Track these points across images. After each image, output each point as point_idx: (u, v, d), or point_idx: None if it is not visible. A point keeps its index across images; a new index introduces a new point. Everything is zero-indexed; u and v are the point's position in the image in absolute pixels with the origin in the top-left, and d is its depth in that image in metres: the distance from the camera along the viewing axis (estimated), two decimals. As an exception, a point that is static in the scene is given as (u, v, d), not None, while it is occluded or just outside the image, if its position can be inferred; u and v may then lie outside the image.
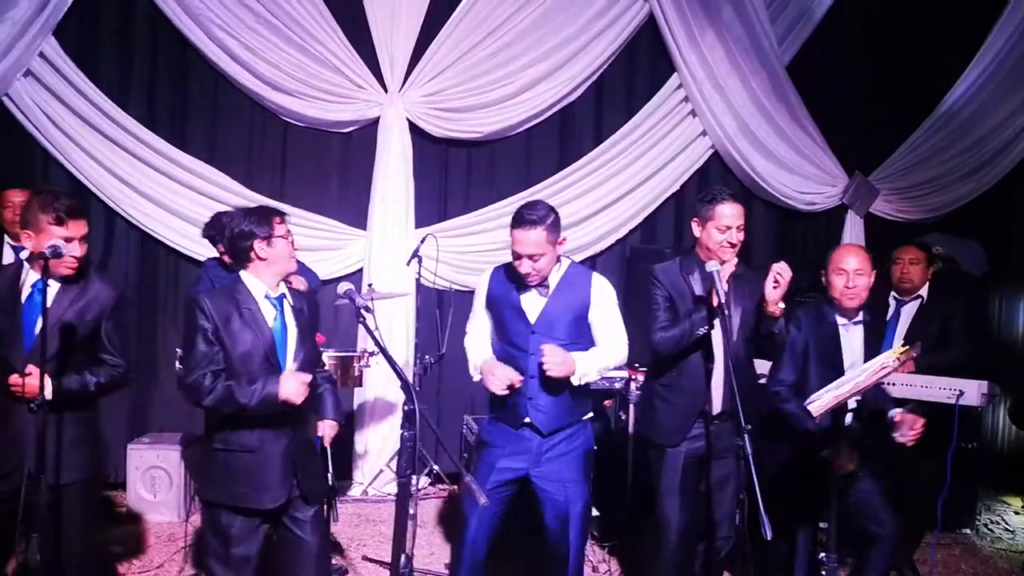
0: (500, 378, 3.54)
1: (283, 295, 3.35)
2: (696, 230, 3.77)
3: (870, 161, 6.68)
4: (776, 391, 3.79)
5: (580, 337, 3.66)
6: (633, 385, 4.89)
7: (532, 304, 3.64)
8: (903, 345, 3.35)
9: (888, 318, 4.94)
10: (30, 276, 3.31)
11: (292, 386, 3.17)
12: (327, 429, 3.78)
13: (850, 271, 3.77)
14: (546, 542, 3.70)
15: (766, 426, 3.89)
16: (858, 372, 3.35)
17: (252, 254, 3.27)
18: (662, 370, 3.82)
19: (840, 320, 3.83)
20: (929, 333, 4.73)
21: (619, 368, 4.37)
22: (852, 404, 3.71)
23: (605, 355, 3.66)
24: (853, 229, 6.62)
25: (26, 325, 3.25)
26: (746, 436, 3.23)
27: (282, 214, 3.39)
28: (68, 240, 3.21)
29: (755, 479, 3.13)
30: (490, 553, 3.71)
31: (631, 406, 4.82)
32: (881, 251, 4.81)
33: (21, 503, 2.99)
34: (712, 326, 3.61)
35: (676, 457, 3.74)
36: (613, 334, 3.70)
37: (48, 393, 3.08)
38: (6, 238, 5.10)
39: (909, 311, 4.97)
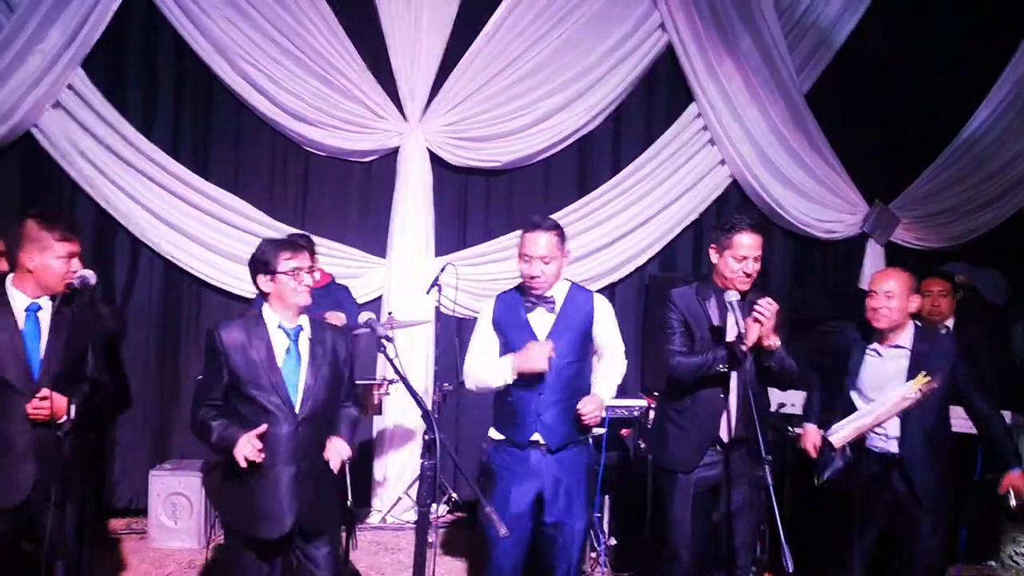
0: (540, 352, 3.60)
1: (299, 327, 3.37)
2: (713, 257, 3.80)
3: (890, 189, 6.67)
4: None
5: (584, 354, 3.81)
6: (652, 414, 4.89)
7: (540, 322, 3.76)
8: (924, 375, 3.33)
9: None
10: (18, 299, 3.29)
11: (245, 448, 3.15)
12: (332, 447, 3.42)
13: (880, 292, 3.80)
14: (543, 557, 3.76)
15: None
16: (879, 403, 3.34)
17: (258, 286, 3.34)
18: (677, 395, 3.81)
19: (871, 344, 3.83)
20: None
21: (637, 397, 4.44)
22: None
23: (614, 374, 3.85)
24: (873, 257, 6.61)
25: (29, 351, 3.25)
26: (767, 466, 3.24)
27: (295, 248, 3.35)
28: (72, 255, 3.25)
29: (776, 509, 3.14)
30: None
31: (650, 435, 4.81)
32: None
33: (48, 529, 3.00)
34: (731, 362, 3.63)
35: (687, 484, 3.74)
36: (615, 348, 3.89)
37: (72, 413, 3.10)
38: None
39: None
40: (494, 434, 3.85)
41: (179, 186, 6.01)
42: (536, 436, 3.70)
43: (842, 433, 3.28)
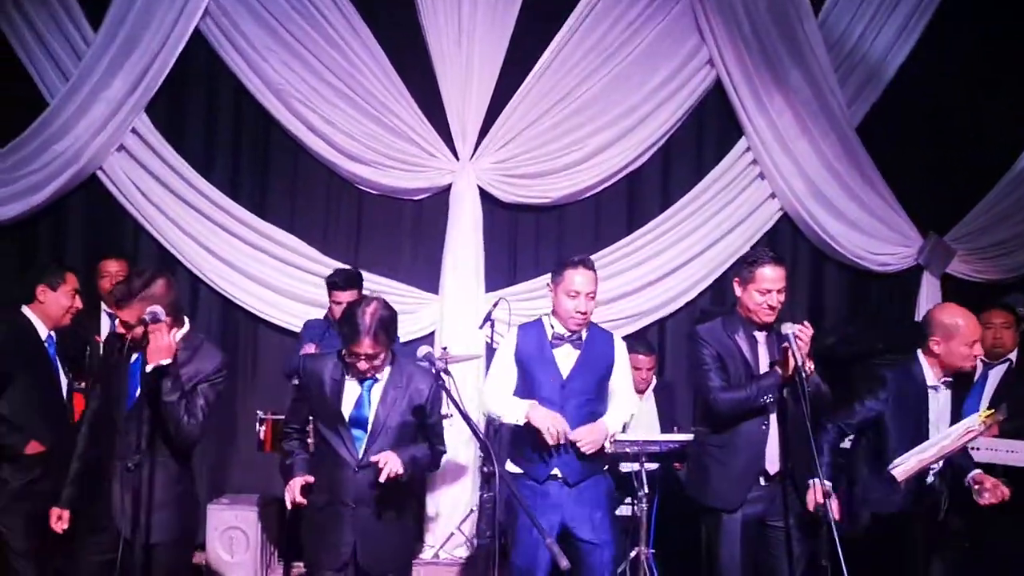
0: (555, 424, 3.66)
1: (375, 379, 3.42)
2: (737, 290, 3.81)
3: (945, 221, 6.57)
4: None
5: (602, 392, 3.90)
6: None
7: (565, 359, 3.84)
8: (988, 408, 3.28)
9: (975, 381, 4.84)
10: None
11: (291, 491, 3.38)
12: (385, 455, 3.37)
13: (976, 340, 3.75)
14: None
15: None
16: (943, 436, 3.29)
17: None
18: (717, 430, 3.78)
19: (931, 380, 3.78)
20: (1018, 396, 4.61)
21: (689, 432, 4.45)
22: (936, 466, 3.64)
23: (624, 410, 3.93)
24: (929, 290, 6.50)
25: (131, 387, 3.39)
26: (828, 500, 3.21)
27: (354, 341, 3.31)
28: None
29: (838, 545, 3.11)
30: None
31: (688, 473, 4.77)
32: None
33: (118, 563, 3.07)
34: (778, 393, 3.61)
35: (733, 525, 3.69)
36: (628, 391, 4.02)
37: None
38: (103, 306, 5.31)
39: (997, 374, 4.90)
40: (511, 467, 3.90)
41: (237, 225, 6.16)
42: (555, 471, 3.77)
43: (905, 466, 3.23)
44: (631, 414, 3.99)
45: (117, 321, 3.42)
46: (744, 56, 6.29)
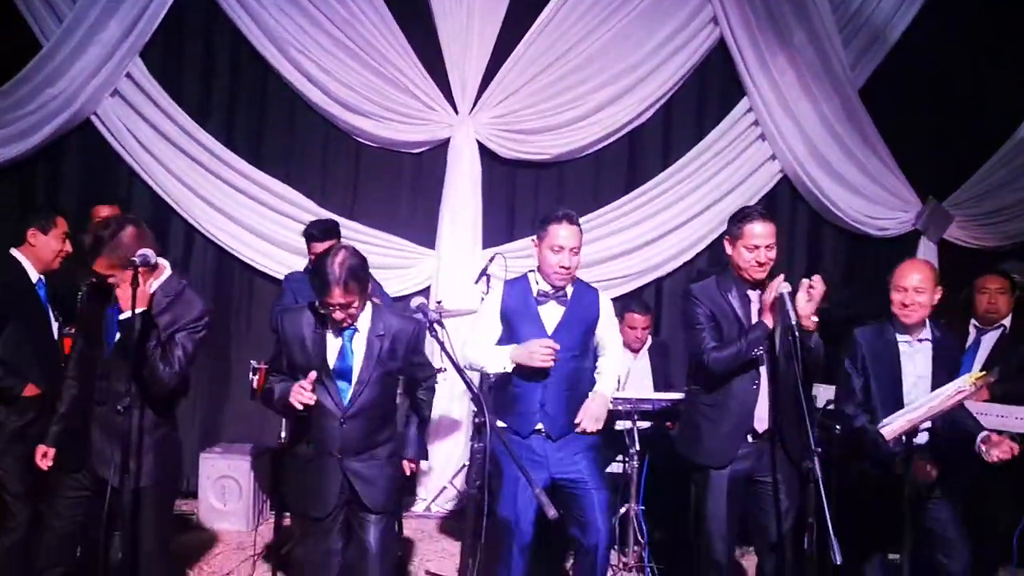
0: (543, 351, 3.69)
1: (355, 329, 3.42)
2: (728, 248, 3.81)
3: (944, 186, 6.55)
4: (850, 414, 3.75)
5: (587, 348, 3.91)
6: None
7: (550, 314, 3.85)
8: (980, 370, 3.29)
9: (968, 346, 4.85)
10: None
11: (297, 394, 3.29)
12: (406, 468, 3.74)
13: (909, 288, 3.74)
14: (577, 536, 3.83)
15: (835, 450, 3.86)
16: (933, 396, 3.30)
17: None
18: (709, 389, 3.79)
19: (902, 338, 3.80)
20: (1010, 362, 4.63)
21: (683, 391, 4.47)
22: (926, 425, 3.65)
23: (614, 369, 3.97)
24: (926, 255, 6.45)
25: (109, 334, 3.38)
26: (816, 458, 3.22)
27: (327, 291, 3.30)
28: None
29: (825, 503, 3.12)
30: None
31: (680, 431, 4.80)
32: (954, 278, 4.73)
33: (107, 502, 3.09)
34: (766, 347, 3.62)
35: (721, 480, 3.72)
36: (616, 345, 4.02)
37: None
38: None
39: (990, 340, 4.88)
40: (498, 423, 3.87)
41: (233, 175, 6.13)
42: (539, 426, 3.80)
43: (893, 425, 3.24)
44: (618, 370, 4.02)
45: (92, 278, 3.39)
46: (748, 15, 6.22)
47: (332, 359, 3.40)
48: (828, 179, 6.44)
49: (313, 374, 3.31)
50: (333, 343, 3.41)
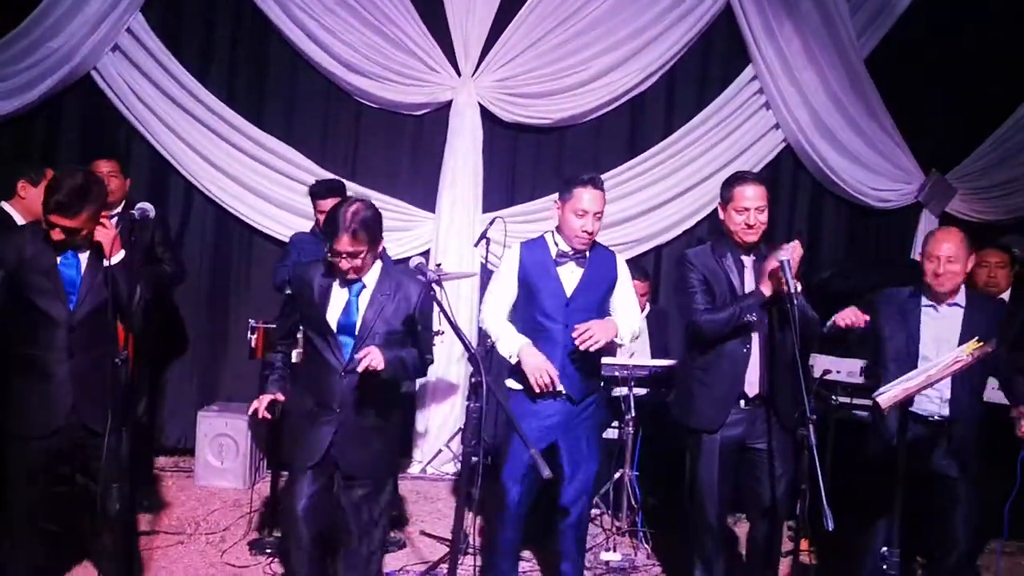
0: (542, 373, 3.68)
1: (363, 284, 3.42)
2: (720, 212, 3.82)
3: (948, 159, 6.53)
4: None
5: (603, 311, 3.91)
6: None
7: (569, 277, 3.85)
8: (978, 341, 3.29)
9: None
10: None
11: (258, 403, 3.47)
12: (367, 350, 3.31)
13: (942, 256, 3.76)
14: (559, 496, 3.90)
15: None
16: (930, 365, 3.31)
17: None
18: (701, 352, 3.80)
19: (926, 303, 3.83)
20: (1007, 334, 4.63)
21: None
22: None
23: (631, 322, 3.93)
24: (927, 228, 6.44)
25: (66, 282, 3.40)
26: (811, 425, 3.24)
27: (336, 236, 3.29)
28: None
29: (818, 470, 3.14)
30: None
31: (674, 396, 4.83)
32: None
33: (103, 456, 3.10)
34: (759, 314, 3.64)
35: (712, 444, 3.75)
36: (633, 308, 4.00)
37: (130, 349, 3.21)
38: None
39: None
40: (512, 384, 3.91)
41: (233, 133, 6.08)
42: (560, 387, 3.80)
43: (890, 393, 3.24)
44: (638, 327, 4.02)
45: (55, 230, 3.30)
46: (756, -20, 6.16)
47: (336, 313, 3.39)
48: (831, 149, 6.41)
49: (276, 396, 3.47)
50: (339, 297, 3.40)
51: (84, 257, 3.39)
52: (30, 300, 3.35)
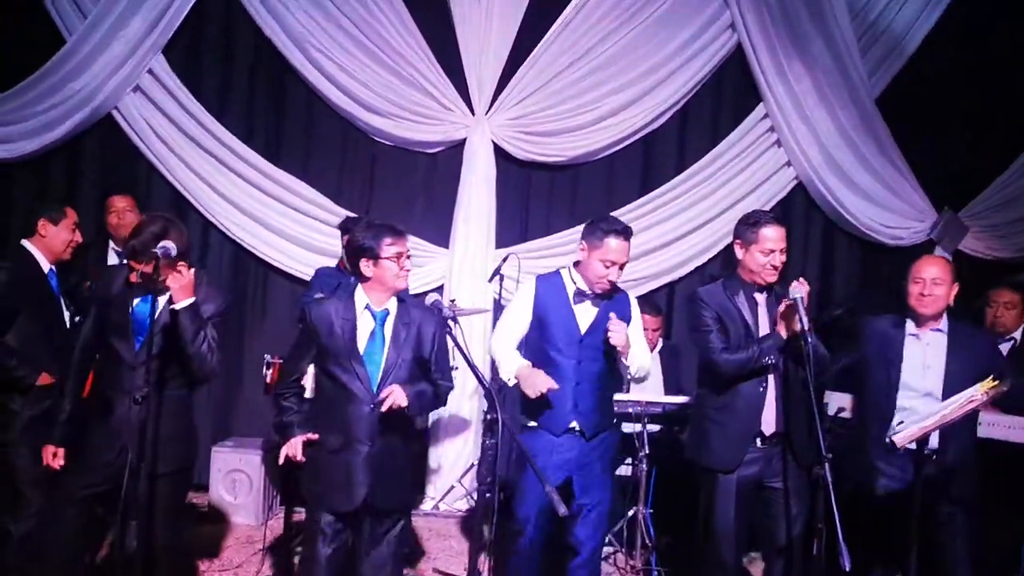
0: (539, 384, 3.70)
1: (387, 311, 3.46)
2: (739, 252, 3.83)
3: (960, 197, 6.53)
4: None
5: (613, 351, 3.87)
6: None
7: (584, 315, 3.87)
8: (992, 379, 3.29)
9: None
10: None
11: (290, 448, 3.43)
12: (389, 389, 3.37)
13: (927, 279, 3.79)
14: (570, 534, 3.88)
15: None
16: (945, 405, 3.31)
17: (359, 270, 3.44)
18: (717, 392, 3.80)
19: (910, 329, 3.85)
20: (1022, 374, 4.62)
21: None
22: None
23: (643, 355, 3.97)
24: (940, 266, 6.48)
25: (136, 324, 3.47)
26: (827, 464, 3.23)
27: (396, 233, 3.43)
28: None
29: (835, 508, 3.14)
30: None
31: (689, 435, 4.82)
32: (969, 289, 4.72)
33: (123, 492, 3.13)
34: (780, 354, 3.65)
35: (729, 484, 3.73)
36: (642, 350, 4.00)
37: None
38: (110, 243, 5.34)
39: (1003, 351, 4.85)
40: (525, 421, 3.92)
41: (250, 171, 6.17)
42: (574, 424, 3.82)
43: (905, 432, 3.24)
44: (649, 364, 4.05)
45: (133, 274, 3.45)
46: (767, 21, 6.23)
47: (363, 344, 3.41)
48: (843, 187, 6.44)
49: (312, 436, 3.43)
50: (364, 329, 3.43)
51: (162, 300, 3.45)
52: (106, 337, 3.49)
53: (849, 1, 6.27)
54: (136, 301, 3.47)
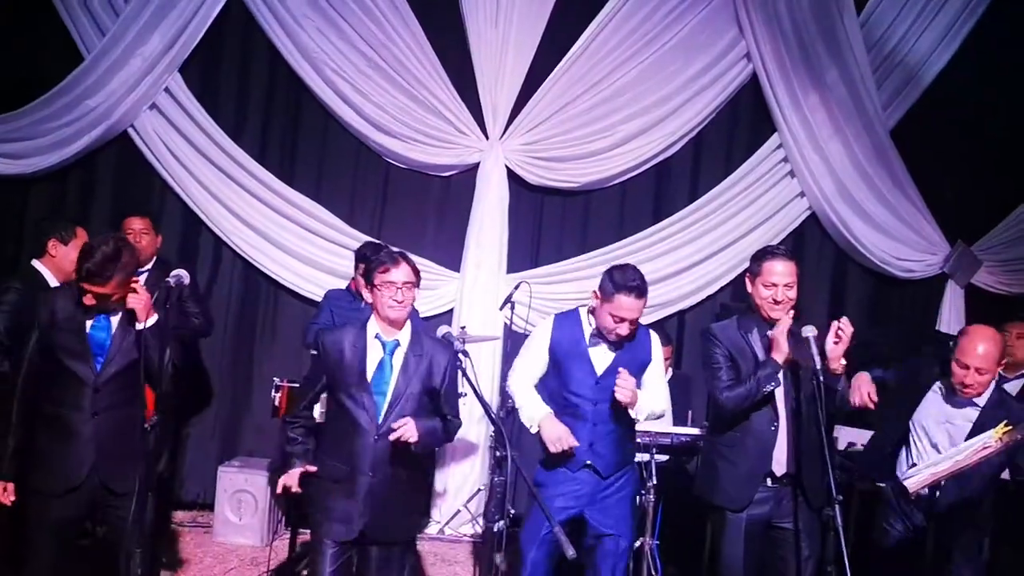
0: (562, 441, 3.70)
1: (397, 342, 3.45)
2: (748, 286, 3.80)
3: (974, 231, 6.51)
4: None
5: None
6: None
7: (600, 356, 3.84)
8: (1006, 425, 3.26)
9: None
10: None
11: (287, 479, 3.45)
12: (402, 422, 3.38)
13: (971, 367, 3.67)
14: (589, 567, 3.84)
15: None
16: (958, 450, 3.28)
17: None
18: (725, 430, 3.76)
19: (936, 386, 3.81)
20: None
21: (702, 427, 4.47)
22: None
23: (653, 403, 3.89)
24: (953, 300, 6.45)
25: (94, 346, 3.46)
26: (837, 506, 3.21)
27: (394, 262, 3.40)
28: None
29: (844, 551, 3.11)
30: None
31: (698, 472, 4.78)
32: (980, 322, 4.69)
33: (131, 518, 3.11)
34: (778, 383, 3.61)
35: (738, 523, 3.68)
36: (662, 389, 3.98)
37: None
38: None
39: (1013, 388, 4.81)
40: (542, 454, 3.89)
41: (263, 191, 6.19)
42: (589, 462, 3.81)
43: (918, 478, 3.22)
44: (662, 409, 3.99)
45: (87, 296, 3.38)
46: (782, 51, 6.23)
47: (371, 373, 3.40)
48: (856, 218, 6.42)
49: (309, 468, 3.45)
50: (374, 358, 3.42)
51: (115, 320, 3.45)
52: (59, 360, 3.41)
53: (866, 31, 6.27)
54: (89, 323, 3.44)
